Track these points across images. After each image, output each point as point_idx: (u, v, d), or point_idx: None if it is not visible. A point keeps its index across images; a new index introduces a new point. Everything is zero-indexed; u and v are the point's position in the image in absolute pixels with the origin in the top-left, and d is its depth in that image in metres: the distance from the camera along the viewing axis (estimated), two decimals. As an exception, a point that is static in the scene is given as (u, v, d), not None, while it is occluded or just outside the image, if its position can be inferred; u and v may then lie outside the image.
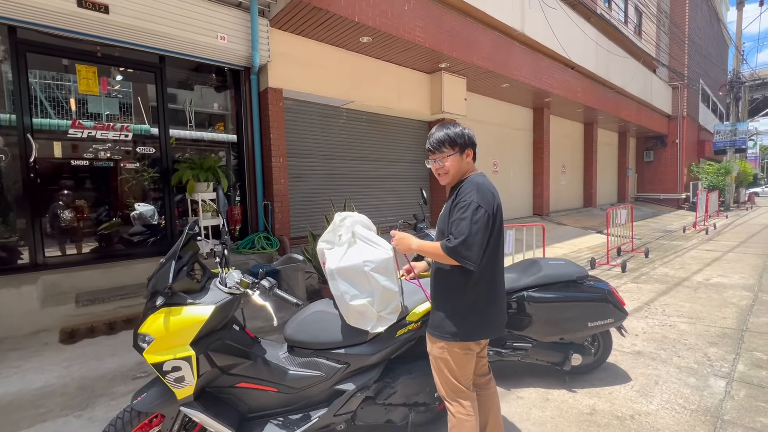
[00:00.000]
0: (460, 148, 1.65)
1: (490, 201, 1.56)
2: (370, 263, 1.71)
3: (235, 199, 5.70)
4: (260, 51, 4.94)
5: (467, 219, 1.50)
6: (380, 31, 5.33)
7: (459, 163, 1.66)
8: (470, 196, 1.53)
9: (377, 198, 7.22)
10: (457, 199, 1.57)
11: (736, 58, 18.33)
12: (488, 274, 1.61)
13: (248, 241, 5.09)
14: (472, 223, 1.49)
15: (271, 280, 1.71)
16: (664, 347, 3.21)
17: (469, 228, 1.49)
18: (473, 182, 1.59)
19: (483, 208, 1.52)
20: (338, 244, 1.81)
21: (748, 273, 5.66)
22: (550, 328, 2.52)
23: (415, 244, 1.66)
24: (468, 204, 1.52)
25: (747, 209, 17.79)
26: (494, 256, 1.62)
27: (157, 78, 4.83)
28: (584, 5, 9.87)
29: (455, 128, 1.66)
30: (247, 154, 5.49)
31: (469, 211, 1.50)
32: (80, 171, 4.56)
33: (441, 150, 1.64)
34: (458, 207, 1.54)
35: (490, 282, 1.63)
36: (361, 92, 6.26)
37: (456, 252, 1.49)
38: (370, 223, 1.92)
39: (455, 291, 1.61)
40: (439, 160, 1.66)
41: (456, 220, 1.53)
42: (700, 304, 4.31)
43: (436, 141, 1.64)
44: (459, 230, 1.50)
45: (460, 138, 1.65)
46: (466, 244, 1.49)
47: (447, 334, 1.60)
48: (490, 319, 1.65)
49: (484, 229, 1.51)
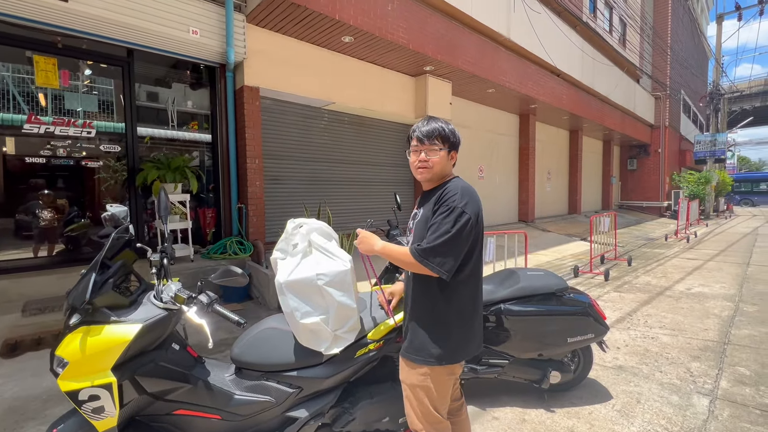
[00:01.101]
0: (450, 146, 1.51)
1: (476, 209, 1.41)
2: (324, 276, 1.52)
3: (209, 201, 5.45)
4: (235, 47, 4.73)
5: (448, 224, 1.35)
6: (362, 31, 5.18)
7: (444, 163, 1.51)
8: (455, 201, 1.38)
9: (357, 202, 7.04)
10: (439, 203, 1.41)
11: (715, 71, 18.81)
12: (473, 282, 1.47)
13: (220, 246, 4.85)
14: (453, 228, 1.35)
15: (211, 294, 1.51)
16: (646, 361, 3.09)
17: (448, 233, 1.34)
18: (458, 186, 1.44)
19: (467, 214, 1.37)
20: (291, 255, 1.62)
21: (729, 282, 5.65)
22: (529, 344, 2.37)
23: (378, 245, 1.50)
24: (451, 209, 1.37)
25: (726, 218, 18.17)
26: (478, 264, 1.48)
27: (125, 73, 4.58)
28: (570, 13, 9.93)
29: (449, 125, 1.53)
30: (222, 154, 5.25)
31: (452, 217, 1.36)
32: (37, 169, 4.27)
33: (432, 142, 1.49)
34: (440, 211, 1.39)
35: (474, 291, 1.49)
36: (343, 93, 6.09)
37: (427, 256, 1.35)
38: (331, 232, 1.74)
39: (438, 304, 1.45)
40: (426, 152, 1.50)
41: (435, 224, 1.38)
42: (682, 315, 4.23)
43: (429, 131, 1.49)
44: (436, 234, 1.36)
45: (453, 136, 1.52)
46: (441, 249, 1.34)
47: (431, 357, 1.43)
48: (475, 333, 1.51)
49: (464, 238, 1.37)
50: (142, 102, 5.05)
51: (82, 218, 4.63)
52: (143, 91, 5.10)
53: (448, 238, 1.33)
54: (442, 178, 1.54)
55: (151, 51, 4.54)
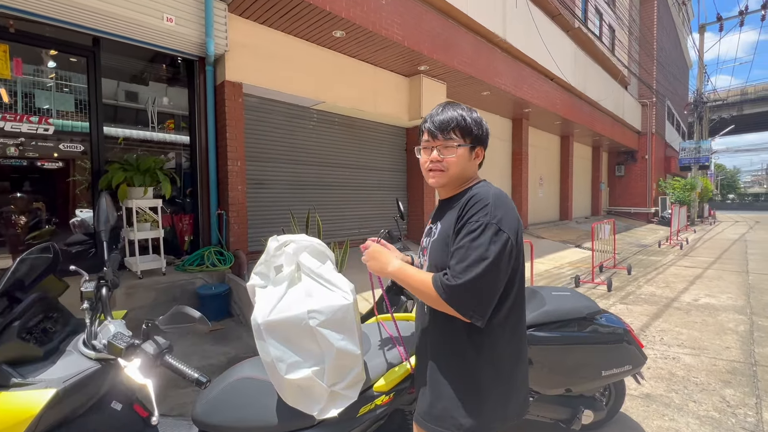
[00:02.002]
0: (473, 141, 1.14)
1: (514, 224, 1.05)
2: (318, 314, 1.13)
3: (187, 207, 4.97)
4: (216, 38, 4.31)
5: (480, 249, 0.99)
6: (355, 25, 4.82)
7: (466, 163, 1.15)
8: (486, 215, 1.02)
9: (349, 208, 6.64)
10: (465, 217, 1.05)
11: (699, 78, 19.15)
12: (514, 323, 1.11)
13: (196, 257, 4.38)
14: (487, 255, 0.98)
15: (161, 341, 1.10)
16: (675, 388, 2.78)
17: (481, 263, 0.98)
18: (488, 193, 1.07)
19: (505, 233, 1.01)
20: (274, 282, 1.23)
21: (734, 293, 5.45)
22: (556, 378, 2.01)
23: (393, 265, 1.14)
24: (483, 226, 1.01)
25: (710, 224, 18.42)
26: (520, 299, 1.12)
27: (90, 64, 4.10)
28: (572, 12, 9.81)
29: (472, 113, 1.15)
30: (200, 155, 4.79)
31: (485, 238, 0.99)
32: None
33: (448, 136, 1.12)
34: (467, 230, 1.02)
35: (516, 335, 1.12)
36: (333, 93, 5.71)
37: (457, 296, 0.98)
38: (325, 251, 1.35)
39: (466, 354, 1.09)
40: (440, 149, 1.14)
41: (461, 249, 1.01)
42: (697, 330, 3.96)
43: (444, 122, 1.13)
44: (465, 264, 0.98)
45: (478, 127, 1.14)
46: (473, 286, 0.97)
47: (457, 429, 1.06)
48: (518, 390, 1.13)
49: (503, 267, 1.00)
50: (115, 101, 4.56)
51: (47, 224, 4.15)
52: (113, 86, 4.62)
53: (482, 271, 0.97)
54: (463, 182, 1.18)
55: (120, 40, 4.07)
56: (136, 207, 3.74)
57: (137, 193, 3.74)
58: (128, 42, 4.11)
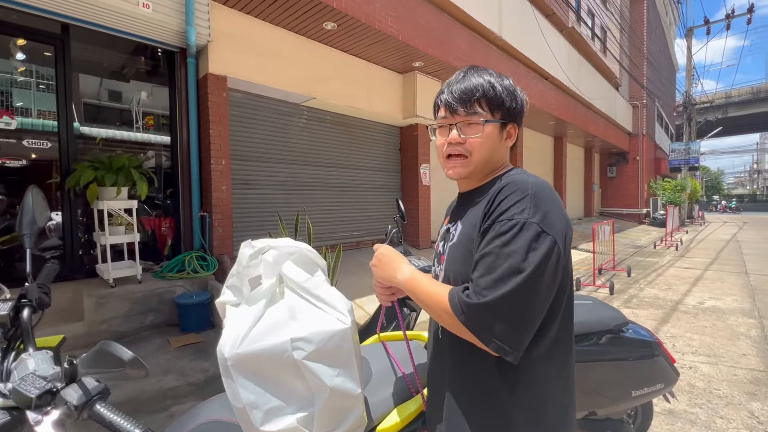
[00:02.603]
0: (504, 116, 0.88)
1: (562, 225, 0.79)
2: (306, 343, 0.86)
3: (167, 209, 4.64)
4: (197, 27, 4.01)
5: (515, 257, 0.72)
6: (347, 16, 4.56)
7: (495, 145, 0.89)
8: (524, 212, 0.76)
9: (341, 210, 6.37)
10: (493, 214, 0.79)
11: (687, 80, 19.35)
12: (561, 356, 0.84)
13: (177, 263, 4.06)
14: (525, 265, 0.72)
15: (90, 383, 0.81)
16: (698, 402, 2.56)
17: (516, 276, 0.71)
18: (525, 182, 0.81)
19: (550, 236, 0.75)
20: (248, 300, 0.95)
21: (739, 294, 5.31)
22: (579, 399, 1.76)
23: (403, 273, 0.90)
24: (519, 226, 0.74)
25: (701, 224, 18.57)
26: (568, 323, 0.85)
27: (58, 53, 3.77)
28: (574, 9, 9.71)
29: (504, 79, 0.89)
30: (182, 154, 4.48)
31: (522, 241, 0.73)
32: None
33: (472, 109, 0.86)
34: (497, 232, 0.76)
35: (563, 371, 0.85)
36: (324, 88, 5.44)
37: (478, 319, 0.73)
38: (316, 258, 1.07)
39: (497, 395, 0.82)
40: (462, 127, 0.88)
41: (490, 256, 0.75)
42: (709, 336, 3.78)
43: (466, 91, 0.87)
44: (494, 277, 0.72)
45: (511, 98, 0.88)
46: (502, 308, 0.71)
47: None
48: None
49: (547, 283, 0.74)
50: (89, 96, 4.23)
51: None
52: (87, 80, 4.28)
53: (516, 287, 0.71)
54: (491, 170, 0.92)
55: (92, 27, 3.75)
56: (107, 209, 3.41)
57: (109, 194, 3.42)
58: (100, 30, 3.79)
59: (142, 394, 2.49)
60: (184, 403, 2.39)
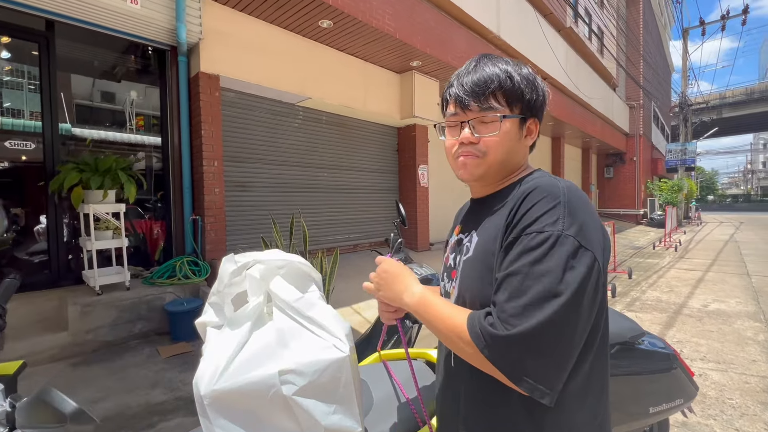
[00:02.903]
0: (524, 110, 0.76)
1: (599, 237, 0.66)
2: (296, 376, 0.73)
3: (158, 212, 4.49)
4: (188, 24, 3.88)
5: (550, 278, 0.60)
6: (343, 13, 4.44)
7: (513, 144, 0.77)
8: (557, 222, 0.64)
9: (336, 212, 6.24)
10: (519, 224, 0.67)
11: (683, 80, 19.40)
12: (596, 388, 0.72)
13: (167, 268, 3.92)
14: (562, 288, 0.60)
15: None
16: (711, 413, 2.45)
17: (551, 301, 0.59)
18: (557, 187, 0.69)
19: (589, 251, 0.63)
20: (230, 323, 0.83)
21: (742, 297, 5.23)
22: (594, 417, 1.64)
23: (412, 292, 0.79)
24: (553, 240, 0.62)
25: (698, 224, 18.60)
26: (605, 351, 0.74)
27: (43, 51, 3.62)
28: (560, 13, 9.65)
29: (521, 68, 0.77)
30: (173, 155, 4.33)
31: (558, 258, 0.61)
32: None
33: (487, 104, 0.75)
34: (526, 245, 0.64)
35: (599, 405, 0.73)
36: (320, 88, 5.31)
37: (506, 354, 0.61)
38: (311, 271, 0.95)
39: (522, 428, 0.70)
40: (475, 125, 0.76)
41: (517, 276, 0.63)
42: (717, 341, 3.68)
43: (480, 83, 0.75)
44: (524, 302, 0.60)
45: (531, 89, 0.77)
46: (537, 341, 0.59)
47: None
48: None
49: (587, 307, 0.62)
50: (78, 97, 4.08)
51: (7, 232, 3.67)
52: (74, 80, 4.14)
53: (553, 315, 0.59)
54: (509, 172, 0.81)
55: (78, 24, 3.61)
56: (93, 213, 3.26)
57: (95, 197, 3.27)
58: (87, 27, 3.65)
59: (127, 410, 2.35)
60: (171, 420, 2.26)
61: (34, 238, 3.90)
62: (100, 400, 2.46)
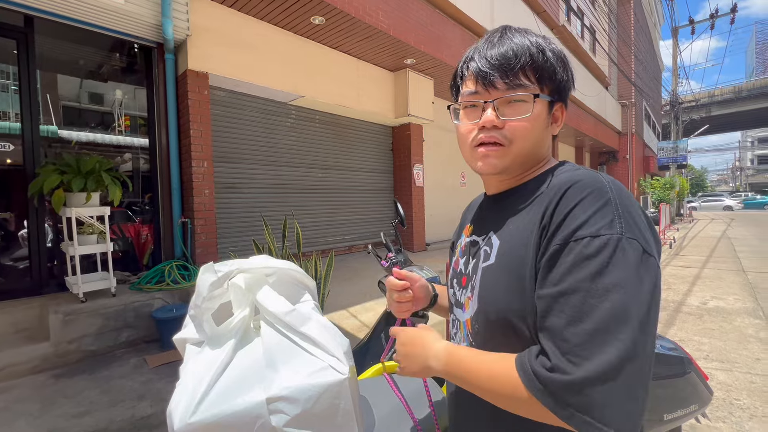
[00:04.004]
0: (553, 91, 0.66)
1: (653, 239, 0.55)
2: (287, 404, 0.63)
3: (146, 215, 4.34)
4: (175, 20, 3.74)
5: (621, 292, 0.48)
6: (336, 9, 4.34)
7: (542, 131, 0.67)
8: (611, 224, 0.52)
9: (330, 213, 6.12)
10: (563, 228, 0.54)
11: (674, 79, 19.58)
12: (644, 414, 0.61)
13: (156, 273, 3.77)
14: (632, 306, 0.48)
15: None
16: (720, 415, 2.39)
17: (627, 324, 0.47)
18: (599, 181, 0.57)
19: (652, 256, 0.52)
20: (210, 341, 0.72)
21: (740, 293, 5.21)
22: (606, 425, 1.56)
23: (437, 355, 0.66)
24: (613, 245, 0.51)
25: (690, 221, 18.76)
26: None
27: (21, 48, 3.46)
28: (552, 11, 9.64)
29: (549, 43, 0.67)
30: (160, 156, 4.19)
31: (626, 267, 0.50)
32: None
33: (516, 81, 0.64)
34: (579, 253, 0.51)
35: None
36: (313, 87, 5.20)
37: (581, 399, 0.47)
38: (304, 278, 0.85)
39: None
40: (501, 106, 0.65)
41: (575, 295, 0.50)
42: (718, 339, 3.63)
43: (508, 55, 0.64)
44: (592, 327, 0.48)
45: (563, 68, 0.67)
46: (615, 375, 0.46)
47: None
48: None
49: (655, 322, 0.51)
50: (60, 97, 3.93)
51: None
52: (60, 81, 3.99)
53: (632, 339, 0.47)
54: (532, 166, 0.70)
55: (58, 20, 3.46)
56: (76, 216, 3.12)
57: (77, 200, 3.13)
58: (68, 23, 3.51)
59: (111, 425, 2.22)
60: (157, 434, 2.13)
61: (14, 244, 3.74)
62: (83, 415, 2.32)
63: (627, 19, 17.86)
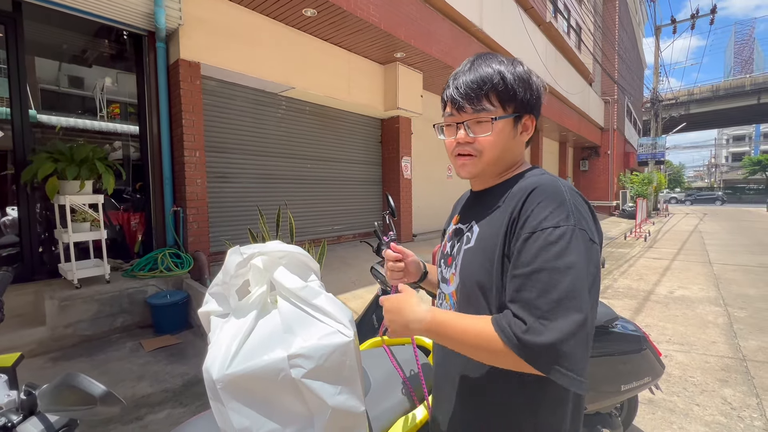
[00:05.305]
0: (518, 108, 0.80)
1: (598, 230, 0.75)
2: (304, 359, 0.78)
3: (137, 203, 4.37)
4: (167, 8, 3.75)
5: (576, 271, 0.64)
6: (328, 2, 4.39)
7: (508, 141, 0.82)
8: (569, 218, 0.69)
9: (321, 203, 6.23)
10: (532, 222, 0.70)
11: (655, 77, 20.11)
12: None
13: (149, 260, 3.84)
14: (584, 282, 0.65)
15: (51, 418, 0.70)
16: (675, 390, 2.65)
17: (581, 294, 0.64)
18: (558, 186, 0.74)
19: (595, 243, 0.70)
20: (236, 312, 0.86)
21: (704, 284, 5.58)
22: (571, 395, 1.76)
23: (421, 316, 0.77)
24: (569, 234, 0.67)
25: (665, 216, 19.51)
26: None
27: (9, 33, 3.43)
28: (540, 8, 9.80)
29: (516, 66, 0.81)
30: (152, 145, 4.21)
31: (578, 252, 0.66)
32: None
33: (480, 106, 0.79)
34: (545, 240, 0.67)
35: None
36: (304, 78, 5.25)
37: (547, 352, 0.62)
38: (309, 261, 0.99)
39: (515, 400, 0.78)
40: (470, 126, 0.81)
41: (542, 272, 0.65)
42: (680, 324, 3.94)
43: (473, 84, 0.79)
44: (556, 297, 0.63)
45: (524, 88, 0.80)
46: (576, 335, 0.62)
47: None
48: None
49: (596, 294, 0.70)
50: (48, 83, 3.90)
51: None
52: (45, 65, 3.95)
53: (589, 306, 0.64)
54: (506, 168, 0.86)
55: (47, 5, 3.43)
56: (70, 204, 3.16)
57: (71, 188, 3.16)
58: (57, 8, 3.48)
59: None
60: (159, 412, 2.26)
61: (4, 230, 3.75)
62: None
63: (612, 17, 18.19)
